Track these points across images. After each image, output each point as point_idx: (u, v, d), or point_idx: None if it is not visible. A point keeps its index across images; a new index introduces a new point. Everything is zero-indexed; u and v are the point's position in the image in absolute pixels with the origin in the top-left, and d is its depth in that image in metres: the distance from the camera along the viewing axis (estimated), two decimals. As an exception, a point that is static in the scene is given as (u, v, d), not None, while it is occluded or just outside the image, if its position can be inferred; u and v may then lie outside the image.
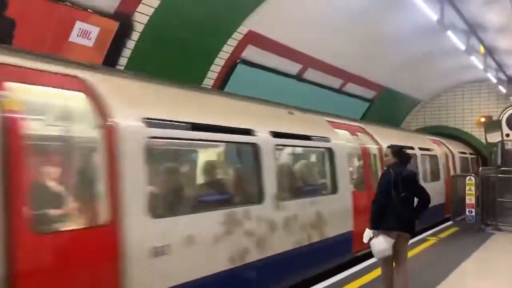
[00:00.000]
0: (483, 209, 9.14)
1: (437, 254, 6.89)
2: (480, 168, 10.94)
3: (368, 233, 4.27)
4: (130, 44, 5.70)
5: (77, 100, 3.30)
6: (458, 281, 5.40)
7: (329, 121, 6.68)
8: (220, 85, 7.39)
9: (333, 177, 6.18)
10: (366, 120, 11.25)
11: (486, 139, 13.23)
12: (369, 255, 6.24)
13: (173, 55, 6.33)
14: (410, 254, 4.92)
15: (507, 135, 13.63)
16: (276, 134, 5.07)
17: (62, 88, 3.20)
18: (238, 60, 7.32)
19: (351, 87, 10.98)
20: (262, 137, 4.82)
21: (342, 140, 6.53)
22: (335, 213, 6.01)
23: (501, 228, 8.95)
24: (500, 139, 13.12)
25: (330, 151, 6.18)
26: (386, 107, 13.29)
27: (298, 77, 8.96)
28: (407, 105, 15.04)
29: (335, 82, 10.31)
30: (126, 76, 4.10)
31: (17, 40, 4.53)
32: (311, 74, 9.20)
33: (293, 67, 8.68)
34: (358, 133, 7.30)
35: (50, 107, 3.39)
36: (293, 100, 9.25)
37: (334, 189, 6.14)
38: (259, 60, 7.72)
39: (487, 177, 9.56)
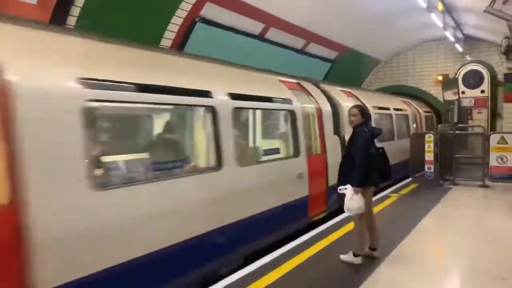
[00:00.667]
0: (441, 165, 9.45)
1: (399, 210, 7.08)
2: (439, 125, 11.25)
3: (350, 190, 4.32)
4: (79, 1, 5.25)
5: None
6: (419, 237, 5.56)
7: (284, 81, 6.48)
8: (179, 46, 7.05)
9: (295, 141, 6.10)
10: (328, 80, 11.23)
11: (443, 97, 13.62)
12: (323, 220, 6.37)
13: (126, 14, 5.92)
14: (374, 210, 5.00)
15: (463, 92, 14.11)
16: (235, 96, 4.88)
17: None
18: (197, 19, 6.96)
19: (313, 48, 10.83)
20: (220, 99, 4.62)
21: (301, 102, 6.42)
22: (294, 177, 5.97)
23: (457, 183, 9.32)
24: (457, 97, 13.56)
25: (291, 113, 6.07)
26: (347, 68, 13.29)
27: (261, 37, 8.70)
28: (368, 65, 15.12)
29: (298, 43, 10.12)
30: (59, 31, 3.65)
31: None
32: (274, 34, 8.96)
33: (255, 27, 8.40)
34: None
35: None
36: (256, 61, 9.04)
37: (296, 153, 6.07)
38: (219, 19, 7.39)
39: (445, 134, 9.84)
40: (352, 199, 4.33)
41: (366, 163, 4.34)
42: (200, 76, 4.69)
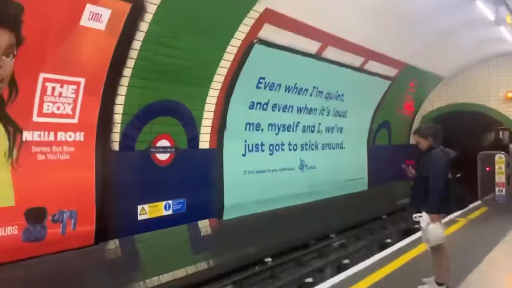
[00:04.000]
0: (514, 188, 8.78)
1: (468, 236, 6.61)
2: (510, 145, 10.50)
3: (425, 217, 4.05)
4: (143, 26, 5.48)
5: None
6: (490, 268, 5.13)
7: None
8: (237, 68, 7.13)
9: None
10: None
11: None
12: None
13: (187, 38, 6.09)
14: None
15: (537, 109, 13.10)
16: None
17: None
18: (255, 40, 7.03)
19: (372, 65, 10.57)
20: None
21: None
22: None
23: (533, 207, 8.60)
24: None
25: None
26: (407, 86, 12.84)
27: (317, 56, 8.62)
28: (430, 82, 14.50)
29: (356, 60, 9.93)
30: None
31: (26, 26, 4.35)
32: (331, 53, 8.85)
33: (312, 46, 8.34)
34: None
35: None
36: (312, 80, 8.98)
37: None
38: (276, 40, 7.41)
39: (518, 155, 9.16)
40: (429, 228, 4.01)
41: (442, 187, 4.05)
42: None
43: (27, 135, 4.74)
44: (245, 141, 7.98)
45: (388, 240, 10.13)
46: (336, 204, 10.18)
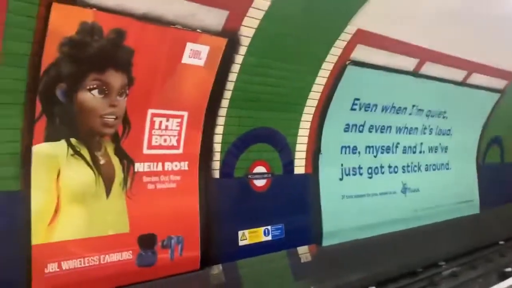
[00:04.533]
0: None
1: None
2: None
3: None
4: (238, 59, 5.72)
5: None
6: None
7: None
8: (330, 90, 7.08)
9: None
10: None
11: None
12: None
13: (279, 65, 6.22)
14: None
15: None
16: None
17: None
18: (347, 62, 6.95)
19: (476, 78, 9.81)
20: None
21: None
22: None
23: None
24: None
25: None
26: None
27: (415, 73, 8.24)
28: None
29: (458, 74, 9.29)
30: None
31: (136, 67, 4.80)
32: (430, 68, 8.40)
33: (409, 63, 8.01)
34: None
35: None
36: (409, 98, 8.58)
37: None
38: (370, 59, 7.25)
39: None
40: None
41: None
42: None
43: (138, 166, 5.15)
44: (342, 164, 7.80)
45: (509, 269, 9.07)
46: (444, 229, 9.43)
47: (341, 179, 7.72)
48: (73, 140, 4.57)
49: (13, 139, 4.20)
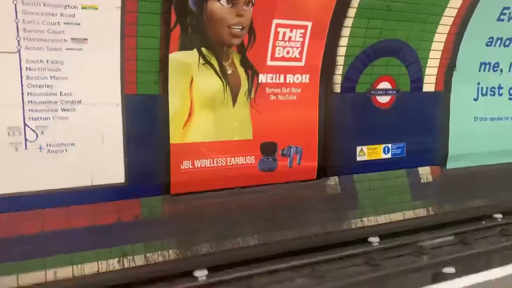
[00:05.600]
0: None
1: None
2: None
3: None
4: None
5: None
6: None
7: None
8: None
9: None
10: None
11: None
12: None
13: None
14: None
15: None
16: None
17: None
18: None
19: None
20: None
21: None
22: None
23: None
24: None
25: None
26: None
27: None
28: None
29: None
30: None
31: None
32: None
33: None
34: None
35: None
36: None
37: None
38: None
39: None
40: None
41: None
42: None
43: (262, 78, 5.31)
44: (478, 83, 7.06)
45: None
46: None
47: (475, 99, 7.05)
48: (203, 50, 4.84)
49: (154, 46, 4.58)
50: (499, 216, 7.05)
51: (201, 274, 4.78)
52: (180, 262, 4.79)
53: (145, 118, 4.74)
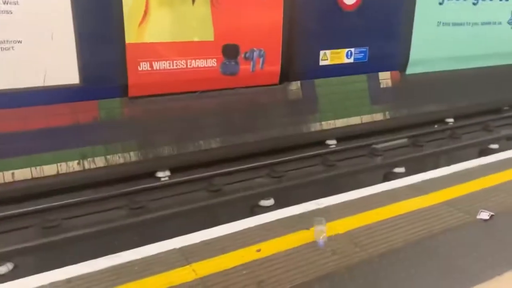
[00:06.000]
0: None
1: None
2: None
3: None
4: None
5: None
6: None
7: None
8: None
9: None
10: None
11: None
12: None
13: None
14: None
15: None
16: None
17: None
18: None
19: None
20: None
21: None
22: None
23: None
24: None
25: None
26: None
27: None
28: None
29: None
30: None
31: None
32: None
33: None
34: None
35: None
36: None
37: None
38: None
39: None
40: None
41: None
42: None
43: (224, -24, 4.98)
44: (445, -14, 6.94)
45: None
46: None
47: (441, 3, 6.95)
48: None
49: None
50: (451, 120, 7.41)
51: (163, 175, 4.90)
52: (142, 163, 4.86)
53: (97, 14, 4.43)
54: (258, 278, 2.56)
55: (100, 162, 4.60)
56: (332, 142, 6.17)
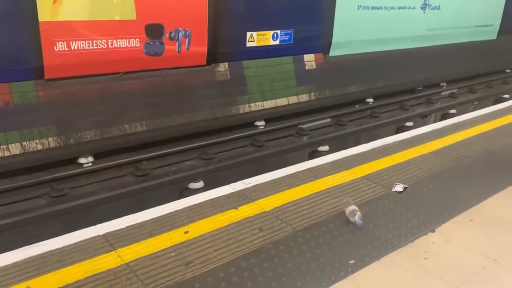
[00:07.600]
0: None
1: None
2: None
3: None
4: None
5: None
6: None
7: None
8: None
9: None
10: None
11: None
12: None
13: None
14: None
15: None
16: None
17: None
18: None
19: None
20: None
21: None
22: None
23: None
24: None
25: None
26: None
27: None
28: None
29: None
30: None
31: None
32: None
33: None
34: None
35: None
36: None
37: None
38: None
39: None
40: None
41: None
42: None
43: None
44: (365, -30, 7.22)
45: (506, 96, 9.32)
46: (456, 52, 9.31)
47: (360, -12, 7.25)
48: None
49: None
50: (371, 100, 7.83)
51: (86, 161, 4.69)
52: (62, 149, 4.61)
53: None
54: (186, 259, 2.57)
55: (15, 149, 4.29)
56: (260, 123, 6.26)
